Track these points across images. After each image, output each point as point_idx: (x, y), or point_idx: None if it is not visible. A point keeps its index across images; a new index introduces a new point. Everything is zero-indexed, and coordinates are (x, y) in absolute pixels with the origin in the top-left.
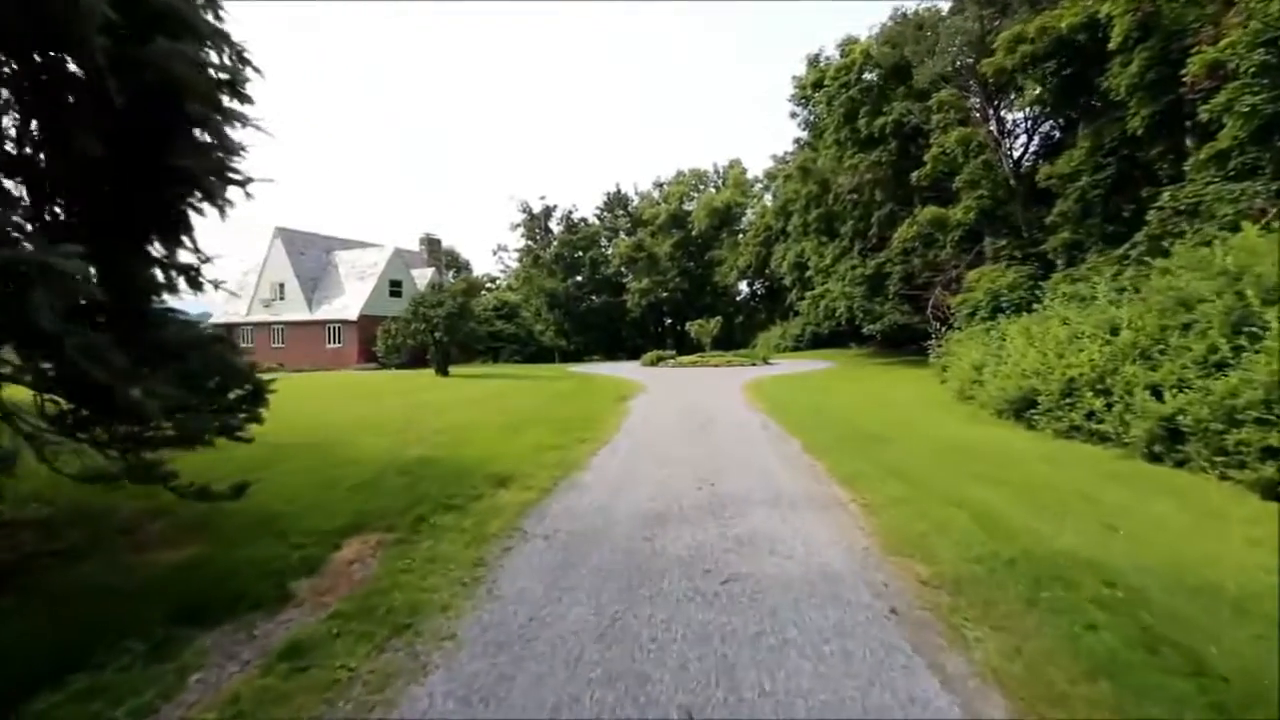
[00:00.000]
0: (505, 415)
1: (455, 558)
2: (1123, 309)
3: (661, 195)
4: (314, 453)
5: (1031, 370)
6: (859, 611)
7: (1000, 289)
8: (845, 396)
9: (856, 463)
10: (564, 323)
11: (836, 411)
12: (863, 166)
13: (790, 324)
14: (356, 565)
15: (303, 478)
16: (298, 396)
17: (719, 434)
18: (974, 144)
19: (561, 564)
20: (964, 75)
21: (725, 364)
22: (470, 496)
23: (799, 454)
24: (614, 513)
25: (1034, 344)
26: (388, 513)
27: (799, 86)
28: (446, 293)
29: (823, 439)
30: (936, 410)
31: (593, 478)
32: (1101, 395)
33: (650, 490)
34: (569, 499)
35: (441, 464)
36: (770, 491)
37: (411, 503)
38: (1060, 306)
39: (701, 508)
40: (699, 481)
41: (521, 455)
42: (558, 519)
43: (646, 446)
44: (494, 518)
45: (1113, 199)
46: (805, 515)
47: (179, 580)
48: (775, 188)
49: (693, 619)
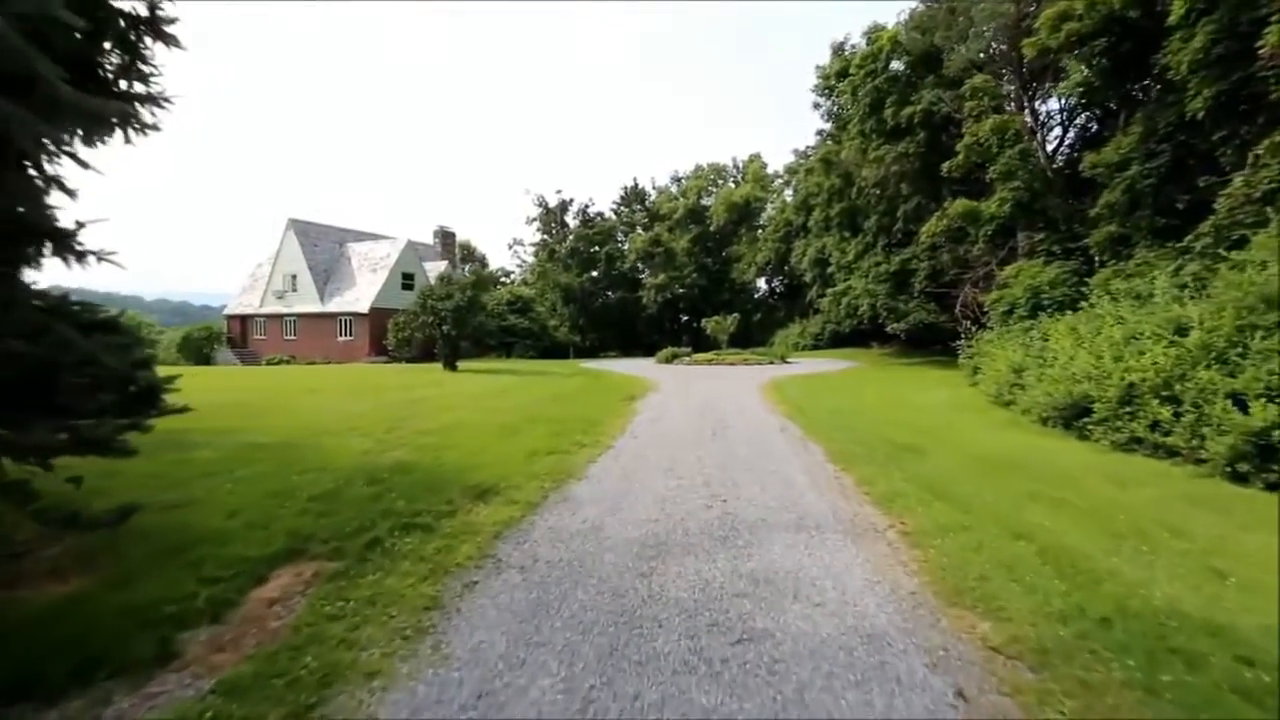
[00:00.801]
0: (504, 414)
1: (403, 597)
2: (1189, 307)
3: (679, 190)
4: (284, 455)
5: (1083, 374)
6: (915, 695)
7: (1041, 285)
8: (871, 399)
9: (890, 477)
10: (579, 318)
11: (862, 415)
12: (889, 158)
13: (810, 322)
14: (278, 607)
15: (258, 486)
16: (295, 391)
17: (733, 439)
18: (1010, 132)
19: (534, 608)
20: (998, 62)
21: (742, 362)
22: (442, 513)
23: (823, 464)
24: (607, 535)
25: (1084, 345)
26: (340, 532)
27: (822, 76)
28: (455, 285)
29: (849, 446)
30: (972, 415)
31: (588, 490)
32: (1168, 403)
33: (652, 507)
34: (557, 516)
35: (419, 471)
36: (792, 512)
37: (371, 520)
38: (1110, 304)
39: (711, 532)
40: (709, 497)
41: (512, 461)
42: (540, 543)
43: (652, 453)
44: (465, 540)
45: (1165, 189)
46: (835, 545)
47: (33, 632)
48: (796, 182)
49: (693, 702)
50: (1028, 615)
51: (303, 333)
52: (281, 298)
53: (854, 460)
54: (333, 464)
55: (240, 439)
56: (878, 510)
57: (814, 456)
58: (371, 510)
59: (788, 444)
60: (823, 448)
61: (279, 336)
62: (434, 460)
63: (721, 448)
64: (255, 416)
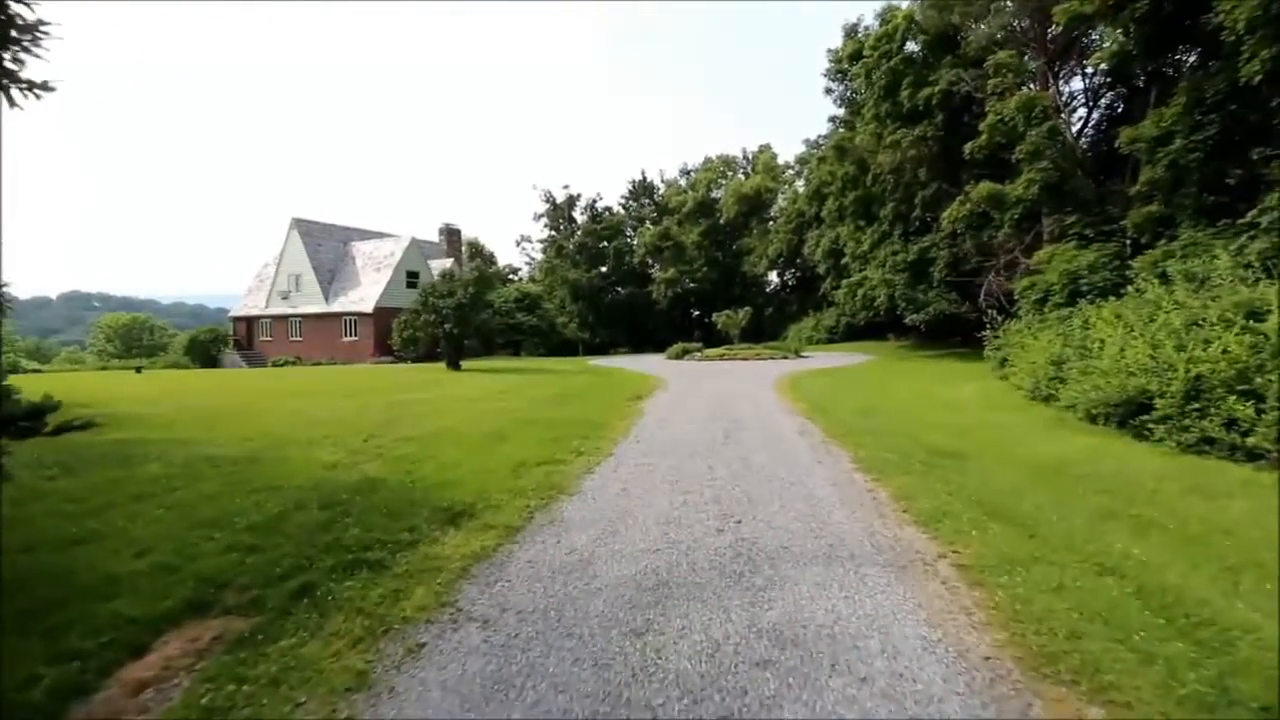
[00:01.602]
0: (498, 418)
1: (322, 672)
2: (1262, 288)
3: (688, 183)
4: (239, 470)
5: (1138, 366)
6: None
7: (1078, 270)
8: (895, 395)
9: (933, 490)
10: (588, 315)
11: (888, 414)
12: (905, 143)
13: (823, 315)
14: (148, 694)
15: (191, 512)
16: (282, 394)
17: (748, 444)
18: (1037, 109)
19: (491, 687)
20: (1020, 38)
21: (755, 357)
22: (400, 544)
23: (851, 474)
24: (596, 573)
25: (1135, 334)
26: (267, 575)
27: (834, 60)
28: (457, 282)
29: (879, 452)
30: (1009, 413)
31: (580, 510)
32: (1247, 398)
33: (653, 532)
34: (540, 546)
35: (386, 489)
36: (820, 537)
37: (311, 557)
38: (1159, 288)
39: (722, 566)
40: (720, 518)
41: (496, 474)
42: (514, 584)
43: (657, 461)
44: (422, 581)
45: (1212, 163)
46: (877, 583)
47: None
48: (808, 172)
49: None
50: (1151, 696)
51: (308, 334)
52: (286, 298)
53: (887, 469)
54: (291, 481)
55: (197, 451)
56: (923, 534)
57: (840, 464)
58: (316, 543)
59: (809, 449)
60: (849, 453)
61: (284, 338)
62: (407, 475)
63: (734, 455)
64: (226, 424)
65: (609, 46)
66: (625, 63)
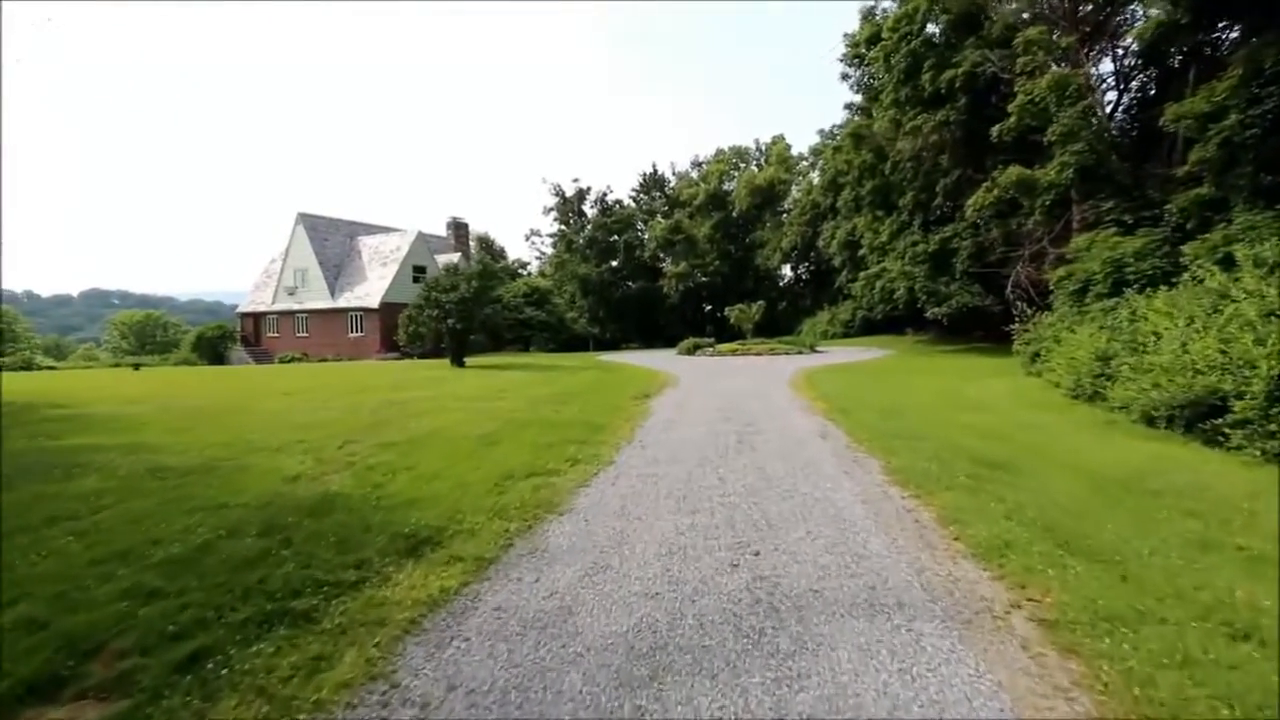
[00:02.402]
0: (493, 419)
1: None
2: None
3: (700, 175)
4: (186, 483)
5: (1206, 362)
6: None
7: (1123, 257)
8: (919, 393)
9: (987, 512)
10: (598, 309)
11: (918, 415)
12: (926, 128)
13: (839, 308)
14: None
15: (104, 541)
16: (269, 393)
17: (765, 451)
18: (1070, 89)
19: None
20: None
21: (769, 352)
22: (342, 584)
23: (885, 488)
24: (579, 629)
25: (1197, 326)
26: (159, 631)
27: (851, 45)
28: (460, 276)
29: (914, 461)
30: (1049, 414)
31: (568, 535)
32: None
33: (653, 567)
34: (514, 586)
35: (345, 508)
36: (857, 575)
37: (222, 605)
38: (1222, 275)
39: (737, 620)
40: (735, 547)
41: (476, 489)
42: (471, 645)
43: (661, 471)
44: (354, 642)
45: (1271, 140)
46: (937, 647)
47: None
48: (823, 162)
49: None
50: None
51: (314, 329)
52: (292, 294)
53: (927, 482)
54: (239, 498)
55: (149, 460)
56: (985, 571)
57: (871, 476)
58: (236, 585)
59: (834, 457)
60: (879, 461)
61: (291, 334)
62: (374, 490)
63: (750, 464)
64: (201, 426)
65: (609, 46)
66: (626, 62)
